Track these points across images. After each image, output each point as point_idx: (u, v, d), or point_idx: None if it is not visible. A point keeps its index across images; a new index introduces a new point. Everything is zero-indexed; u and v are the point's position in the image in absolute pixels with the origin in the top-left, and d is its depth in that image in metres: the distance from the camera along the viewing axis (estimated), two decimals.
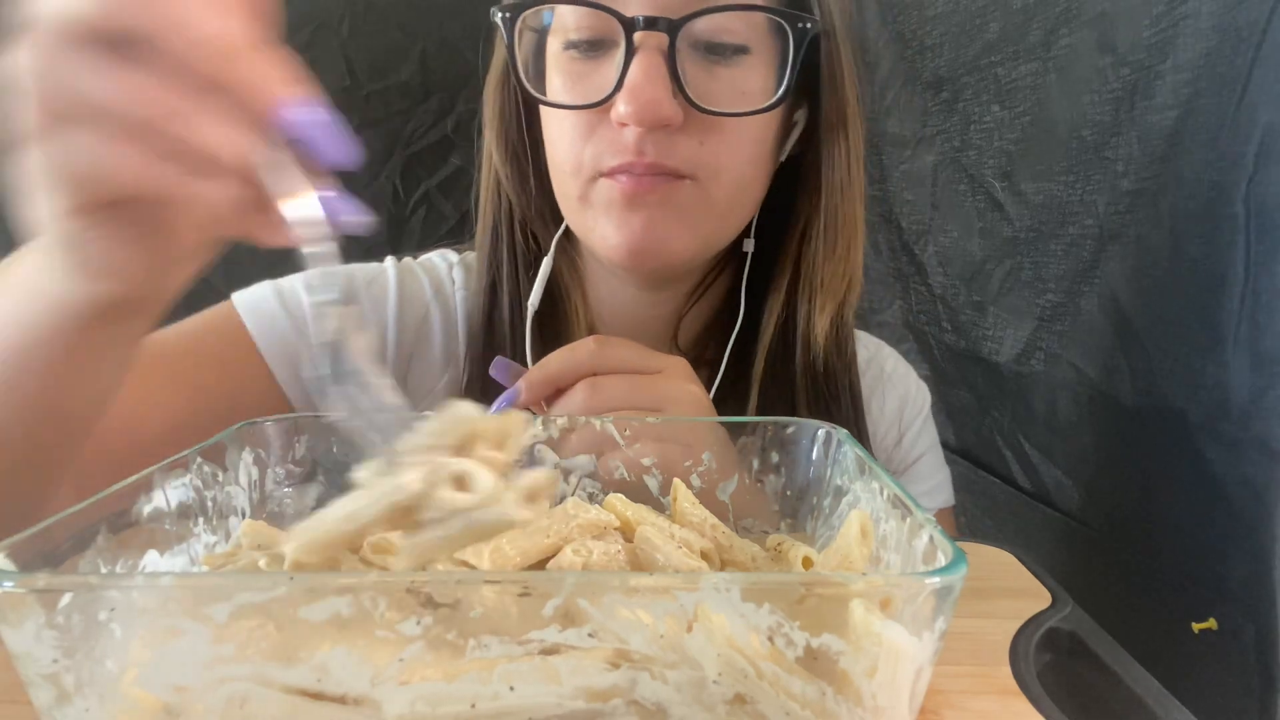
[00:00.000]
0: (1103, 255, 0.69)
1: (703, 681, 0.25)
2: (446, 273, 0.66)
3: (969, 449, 0.92)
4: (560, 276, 0.61)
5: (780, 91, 0.53)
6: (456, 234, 0.73)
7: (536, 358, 0.58)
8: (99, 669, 0.24)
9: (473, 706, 0.25)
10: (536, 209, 0.61)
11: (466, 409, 0.29)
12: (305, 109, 0.29)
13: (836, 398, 0.61)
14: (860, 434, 0.63)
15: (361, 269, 0.64)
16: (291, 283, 0.61)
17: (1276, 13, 0.52)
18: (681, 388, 0.49)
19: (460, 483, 0.27)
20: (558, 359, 0.48)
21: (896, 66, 1.04)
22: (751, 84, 0.53)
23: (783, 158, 0.59)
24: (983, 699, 0.34)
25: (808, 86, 0.56)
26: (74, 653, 0.24)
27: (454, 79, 1.16)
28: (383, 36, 1.14)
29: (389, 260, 0.66)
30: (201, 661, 0.24)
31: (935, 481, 0.71)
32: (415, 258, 0.68)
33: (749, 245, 0.61)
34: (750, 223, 0.60)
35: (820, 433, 0.42)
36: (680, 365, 0.50)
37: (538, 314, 0.60)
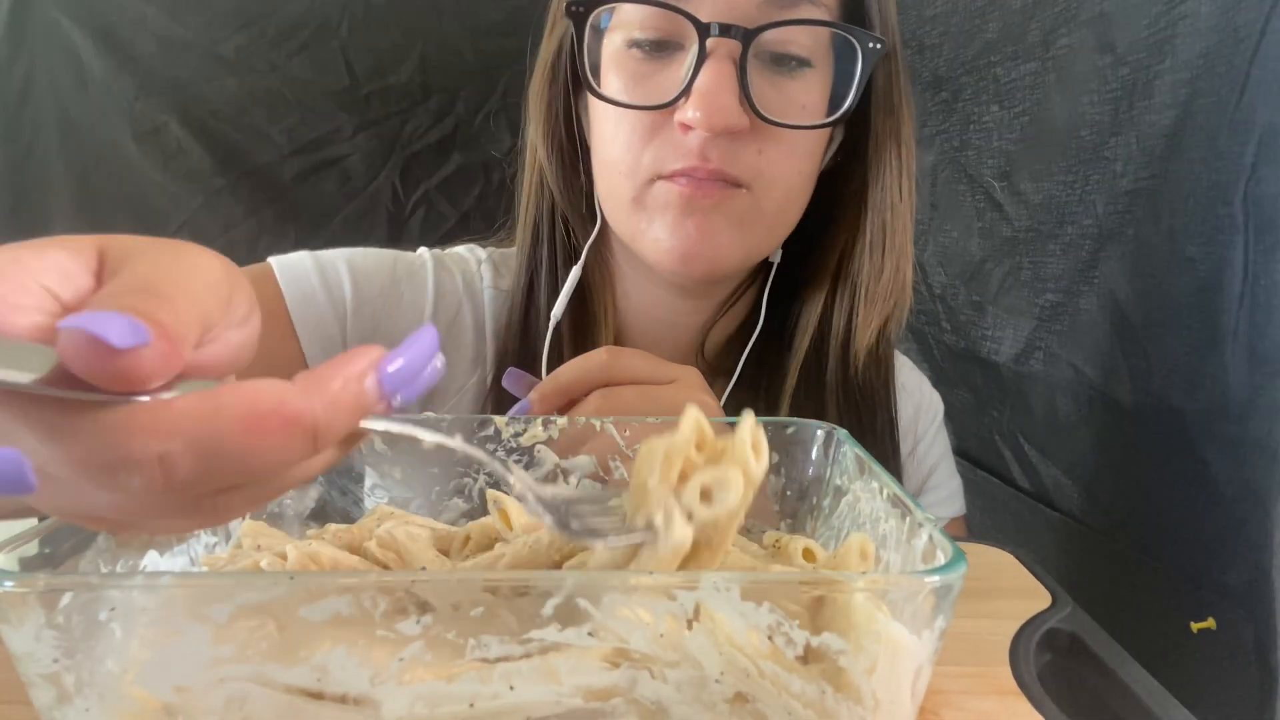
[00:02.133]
0: (1102, 255, 0.69)
1: (703, 680, 0.25)
2: (475, 269, 0.65)
3: (969, 449, 0.92)
4: (591, 280, 0.60)
5: (845, 106, 0.53)
6: (456, 234, 0.73)
7: (560, 362, 0.57)
8: (99, 669, 0.24)
9: (471, 706, 0.25)
10: (579, 208, 0.60)
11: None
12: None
13: (872, 413, 0.61)
14: (894, 449, 0.63)
15: (404, 259, 0.63)
16: (332, 259, 0.60)
17: (1275, 13, 0.52)
18: (694, 398, 0.48)
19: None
20: (570, 370, 0.47)
21: None
22: (812, 97, 0.53)
23: (820, 169, 0.59)
24: (983, 699, 0.34)
25: (860, 99, 0.56)
26: (74, 653, 0.24)
27: (454, 79, 1.16)
28: (383, 36, 1.14)
29: (425, 252, 0.65)
30: (201, 661, 0.24)
31: (949, 490, 0.70)
32: (444, 249, 0.67)
33: (776, 256, 0.61)
34: None
35: (820, 433, 0.42)
36: (693, 375, 0.50)
37: (567, 315, 0.59)
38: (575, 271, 0.59)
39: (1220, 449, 0.57)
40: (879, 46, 0.52)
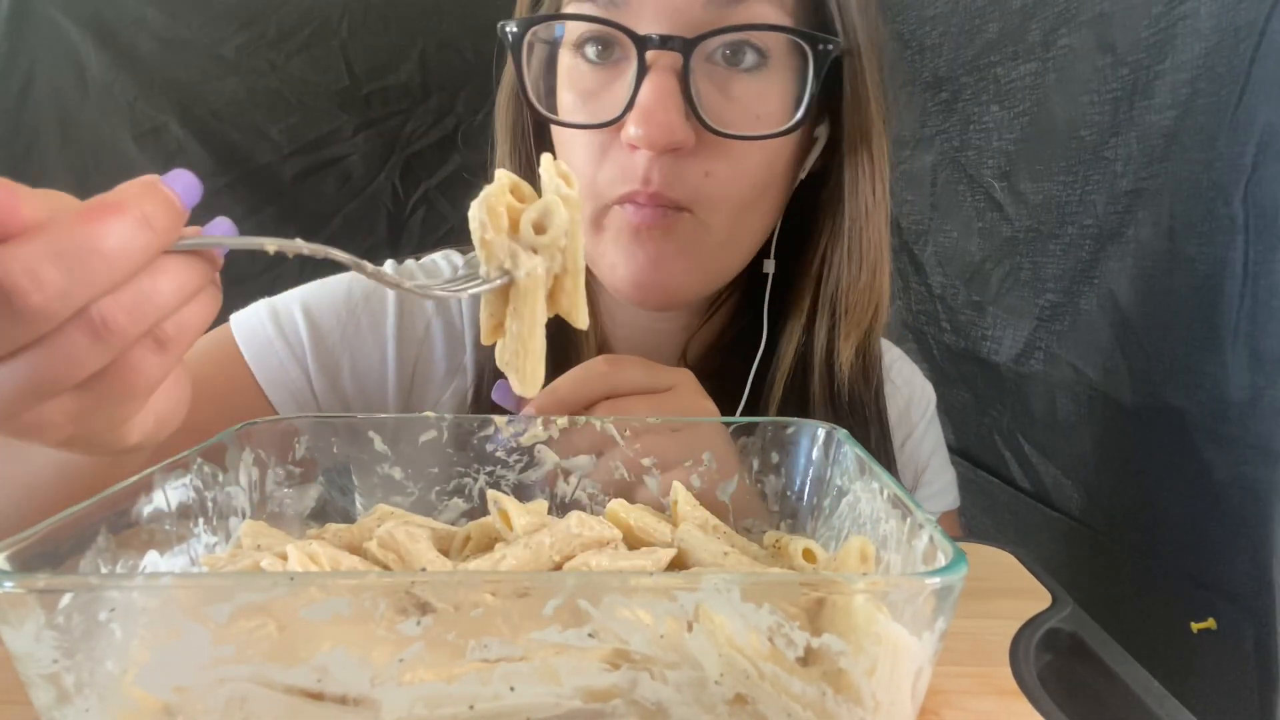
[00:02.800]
0: (1102, 255, 0.69)
1: (703, 681, 0.25)
2: (450, 275, 0.65)
3: (968, 449, 0.92)
4: None
5: (797, 116, 0.50)
6: (456, 235, 0.73)
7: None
8: (99, 669, 0.24)
9: (471, 708, 0.25)
10: None
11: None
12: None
13: (863, 424, 0.59)
14: (886, 457, 0.61)
15: (360, 284, 0.62)
16: (288, 303, 0.60)
17: (1274, 13, 0.52)
18: (695, 403, 0.48)
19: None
20: (568, 382, 0.46)
21: (896, 66, 1.04)
22: (769, 103, 0.51)
23: (803, 175, 0.57)
24: (983, 699, 0.34)
25: (830, 101, 0.54)
26: (74, 653, 0.24)
27: (454, 79, 1.17)
28: (383, 36, 1.15)
29: (389, 265, 0.65)
30: (201, 662, 0.24)
31: (943, 483, 0.70)
32: (417, 259, 0.66)
33: (769, 266, 0.59)
34: (771, 242, 0.58)
35: (820, 433, 0.42)
36: (689, 380, 0.49)
37: (549, 327, 0.59)
38: None
39: (1220, 449, 0.57)
40: (830, 49, 0.49)
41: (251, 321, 0.59)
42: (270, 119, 1.14)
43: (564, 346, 0.58)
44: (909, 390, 0.69)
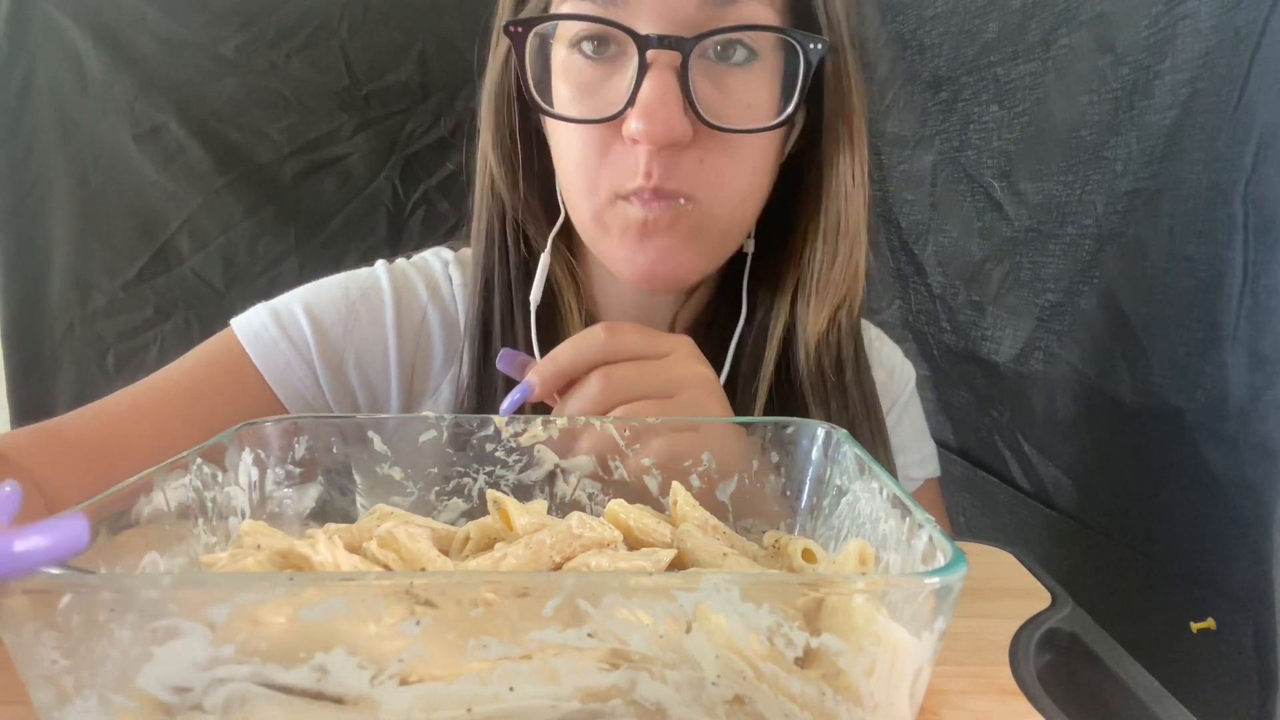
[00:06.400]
0: (1101, 255, 0.69)
1: (702, 682, 0.25)
2: (442, 271, 0.66)
3: (968, 449, 0.92)
4: (553, 273, 0.62)
5: (790, 109, 0.53)
6: (456, 234, 0.74)
7: (538, 352, 0.58)
8: (99, 669, 0.24)
9: (469, 711, 0.25)
10: (530, 209, 0.61)
11: None
12: None
13: (844, 396, 0.61)
14: (876, 433, 0.63)
15: (355, 281, 0.64)
16: (288, 304, 0.62)
17: (1275, 13, 0.52)
18: (692, 370, 0.49)
19: None
20: (567, 350, 0.48)
21: (896, 66, 1.04)
22: (760, 95, 0.53)
23: (783, 158, 0.60)
24: (983, 699, 0.34)
25: (812, 89, 0.56)
26: (74, 653, 0.24)
27: (453, 79, 1.17)
28: (382, 36, 1.14)
29: (380, 265, 0.66)
30: (201, 662, 0.24)
31: (925, 453, 0.73)
32: (408, 257, 0.68)
33: (749, 246, 0.62)
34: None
35: (820, 432, 0.42)
36: (687, 345, 0.50)
37: (525, 314, 0.60)
38: (545, 259, 0.60)
39: (1220, 449, 0.57)
40: (819, 47, 0.52)
41: (254, 324, 0.61)
42: (270, 119, 1.14)
43: (553, 321, 0.60)
44: (890, 366, 0.72)
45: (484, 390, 0.60)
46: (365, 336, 0.62)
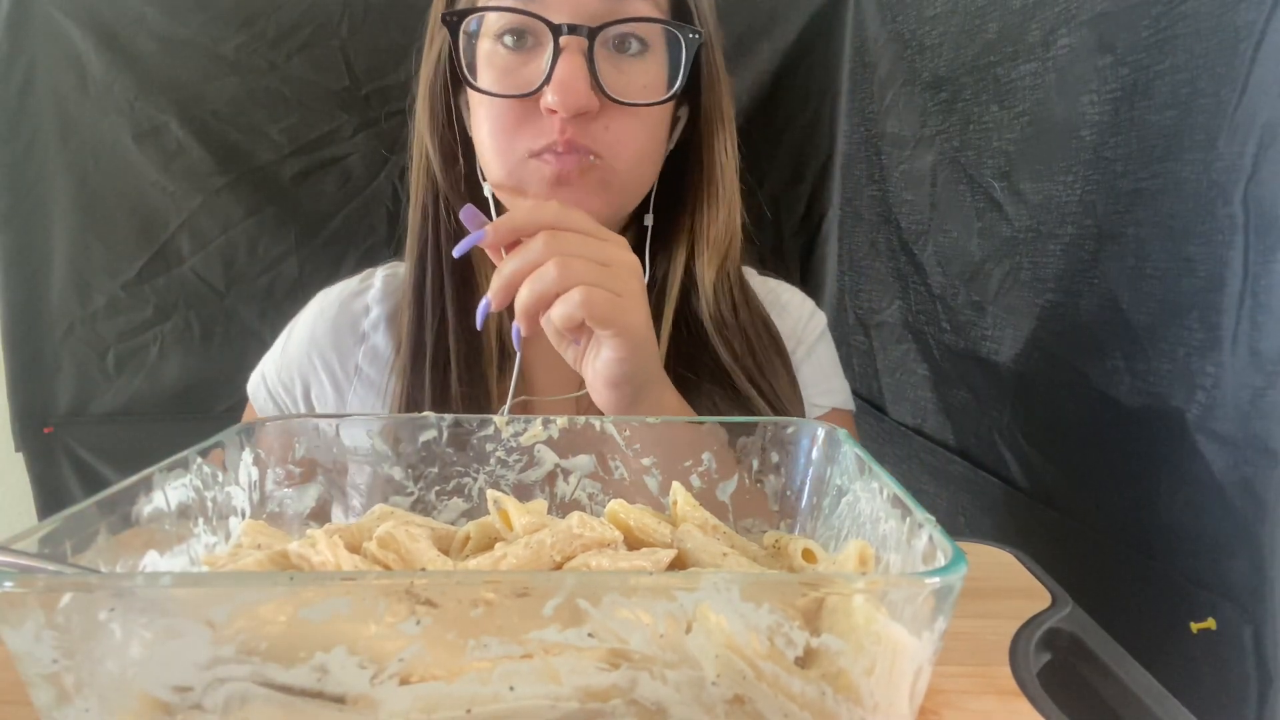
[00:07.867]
0: (1101, 255, 0.69)
1: (702, 681, 0.25)
2: (359, 284, 0.77)
3: (968, 449, 0.92)
4: (474, 249, 0.67)
5: (676, 86, 0.65)
6: None
7: (466, 312, 0.69)
8: (99, 669, 0.24)
9: (469, 711, 0.25)
10: (458, 188, 0.71)
11: None
12: None
13: (744, 333, 0.72)
14: (781, 363, 0.73)
15: (291, 331, 0.76)
16: (273, 372, 0.73)
17: (1275, 13, 0.52)
18: (625, 254, 0.57)
19: None
20: (523, 212, 0.56)
21: (896, 66, 1.04)
22: (651, 79, 0.65)
23: (670, 146, 0.71)
24: (983, 699, 0.34)
25: (688, 90, 0.68)
26: (74, 653, 0.24)
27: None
28: (382, 36, 1.14)
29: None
30: (201, 661, 0.24)
31: (831, 385, 0.80)
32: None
33: (649, 220, 0.72)
34: (649, 200, 0.71)
35: (820, 432, 0.42)
36: (623, 240, 0.58)
37: (458, 279, 0.71)
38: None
39: (1221, 449, 0.57)
40: (697, 37, 0.64)
41: (252, 386, 0.75)
42: (270, 119, 1.14)
43: (471, 290, 0.71)
44: (798, 311, 0.81)
45: (418, 354, 0.69)
46: (312, 368, 0.73)
